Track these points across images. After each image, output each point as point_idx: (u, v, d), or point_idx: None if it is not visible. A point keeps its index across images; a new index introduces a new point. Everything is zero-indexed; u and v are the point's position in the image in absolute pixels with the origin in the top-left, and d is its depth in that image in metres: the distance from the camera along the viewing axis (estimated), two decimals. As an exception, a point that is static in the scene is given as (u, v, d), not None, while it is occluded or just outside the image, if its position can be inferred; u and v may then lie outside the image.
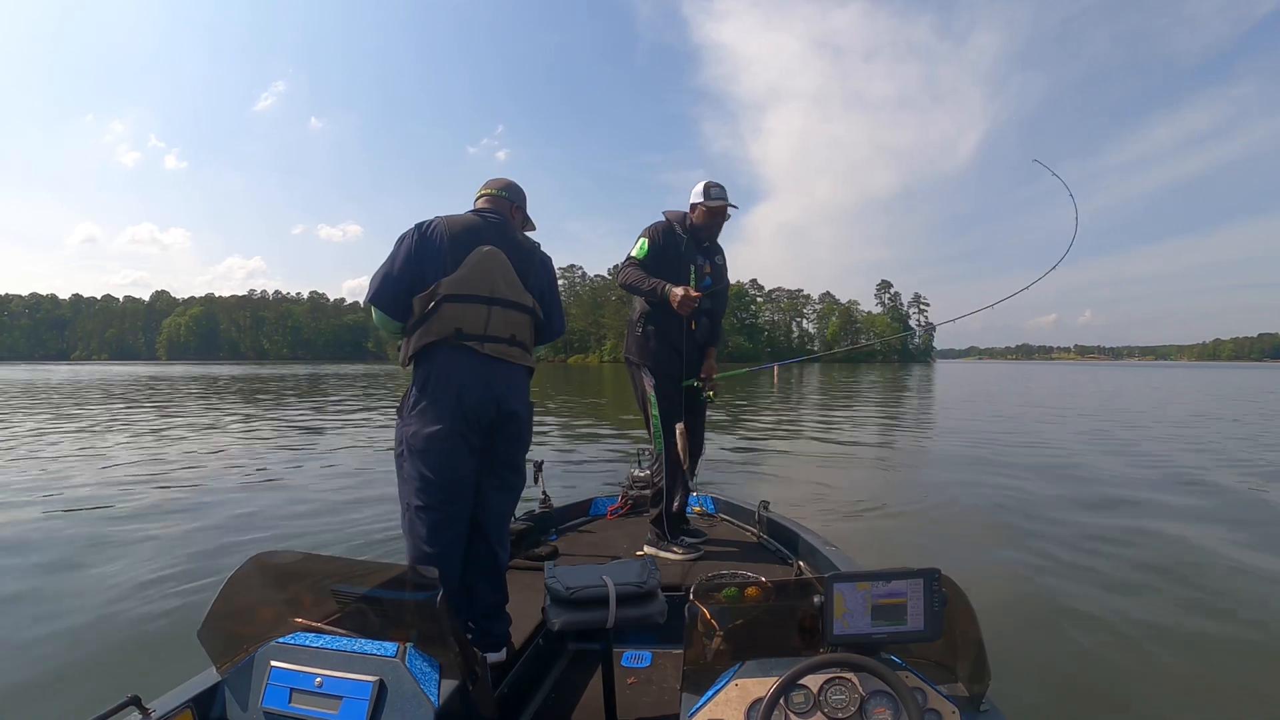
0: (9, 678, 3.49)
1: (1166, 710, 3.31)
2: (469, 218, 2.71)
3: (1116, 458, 11.15)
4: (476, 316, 2.58)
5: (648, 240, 3.89)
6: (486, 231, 2.68)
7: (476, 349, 2.57)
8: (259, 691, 1.73)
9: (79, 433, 13.89)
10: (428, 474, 2.52)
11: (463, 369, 2.55)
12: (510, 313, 2.66)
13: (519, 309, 2.69)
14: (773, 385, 33.66)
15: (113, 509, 7.08)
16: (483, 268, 2.61)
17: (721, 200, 3.90)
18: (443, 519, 2.55)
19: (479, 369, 2.57)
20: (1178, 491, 8.35)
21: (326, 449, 11.91)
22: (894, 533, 6.53)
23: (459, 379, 2.53)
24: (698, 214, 3.92)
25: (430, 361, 2.56)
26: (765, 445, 13.05)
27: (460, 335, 2.55)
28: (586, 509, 4.76)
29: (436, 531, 2.54)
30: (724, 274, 4.11)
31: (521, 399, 2.71)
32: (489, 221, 2.73)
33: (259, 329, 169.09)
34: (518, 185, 2.96)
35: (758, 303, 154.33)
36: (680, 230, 3.91)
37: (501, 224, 2.76)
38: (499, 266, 2.64)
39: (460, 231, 2.63)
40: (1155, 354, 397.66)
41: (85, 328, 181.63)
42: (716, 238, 4.02)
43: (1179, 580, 5.06)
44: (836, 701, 1.56)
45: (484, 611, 2.67)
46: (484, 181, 2.99)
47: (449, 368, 2.54)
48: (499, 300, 2.63)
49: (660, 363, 3.88)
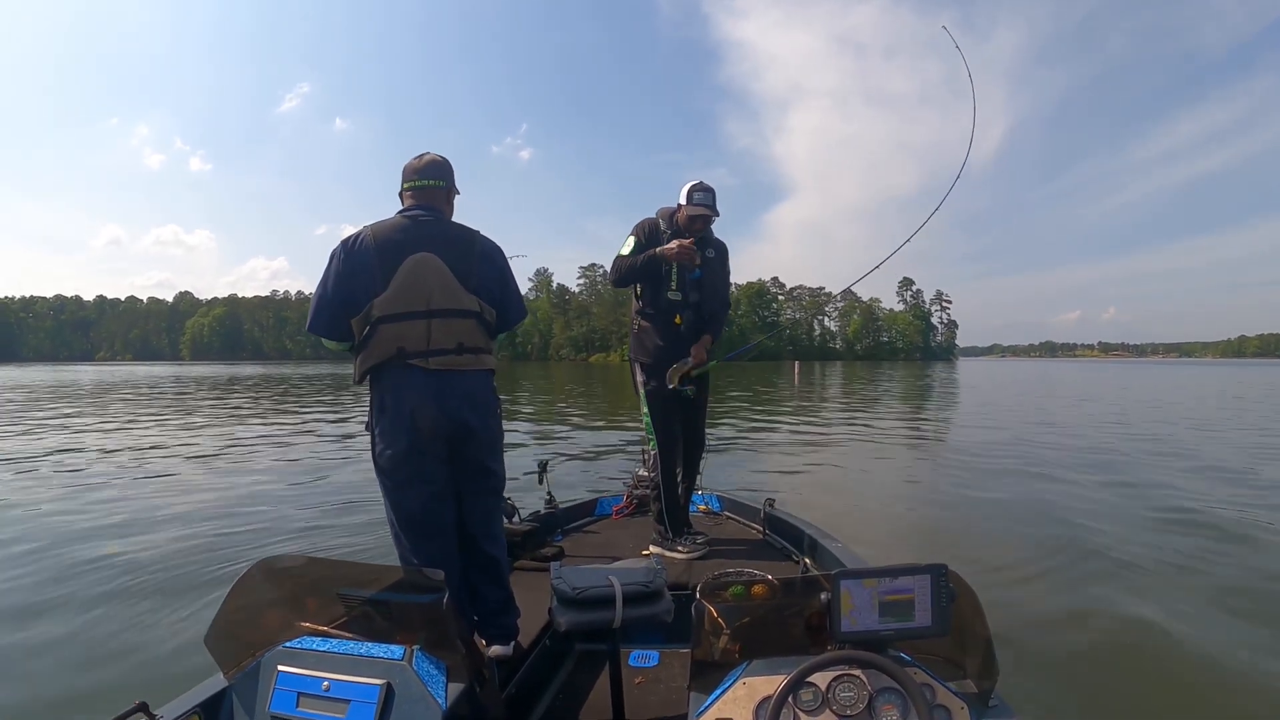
0: (15, 685, 3.51)
1: (1175, 707, 3.30)
2: (396, 223, 2.56)
3: (1147, 456, 11.03)
4: (417, 332, 2.47)
5: (635, 238, 3.90)
6: (415, 237, 2.54)
7: (423, 366, 2.47)
8: (266, 696, 1.73)
9: (108, 431, 14.01)
10: (398, 491, 2.52)
11: (412, 389, 2.46)
12: (452, 322, 2.53)
13: (461, 315, 2.56)
14: (793, 382, 33.69)
15: (118, 510, 7.17)
16: (415, 280, 2.49)
17: (701, 207, 3.86)
18: (422, 532, 2.54)
19: (428, 387, 2.47)
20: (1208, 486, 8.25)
21: (329, 451, 11.96)
22: (901, 529, 6.52)
23: (410, 400, 2.46)
24: (680, 215, 3.91)
25: (380, 383, 2.50)
26: (776, 442, 13.06)
27: (403, 354, 2.45)
28: (592, 509, 4.76)
29: (419, 543, 2.54)
30: (717, 266, 4.04)
31: (479, 407, 2.60)
32: (418, 222, 2.58)
33: (281, 329, 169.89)
34: (441, 161, 2.74)
35: (779, 301, 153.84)
36: (666, 226, 3.91)
37: (432, 223, 2.61)
38: (433, 274, 2.51)
39: (386, 243, 2.49)
40: (1180, 351, 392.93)
41: (109, 329, 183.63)
42: (701, 237, 3.96)
43: (1193, 577, 5.03)
44: (845, 699, 1.55)
45: (491, 609, 2.67)
46: (401, 171, 2.75)
47: (399, 389, 2.47)
48: (438, 312, 2.51)
49: (652, 358, 3.89)
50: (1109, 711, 3.33)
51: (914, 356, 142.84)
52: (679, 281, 3.85)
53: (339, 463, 10.41)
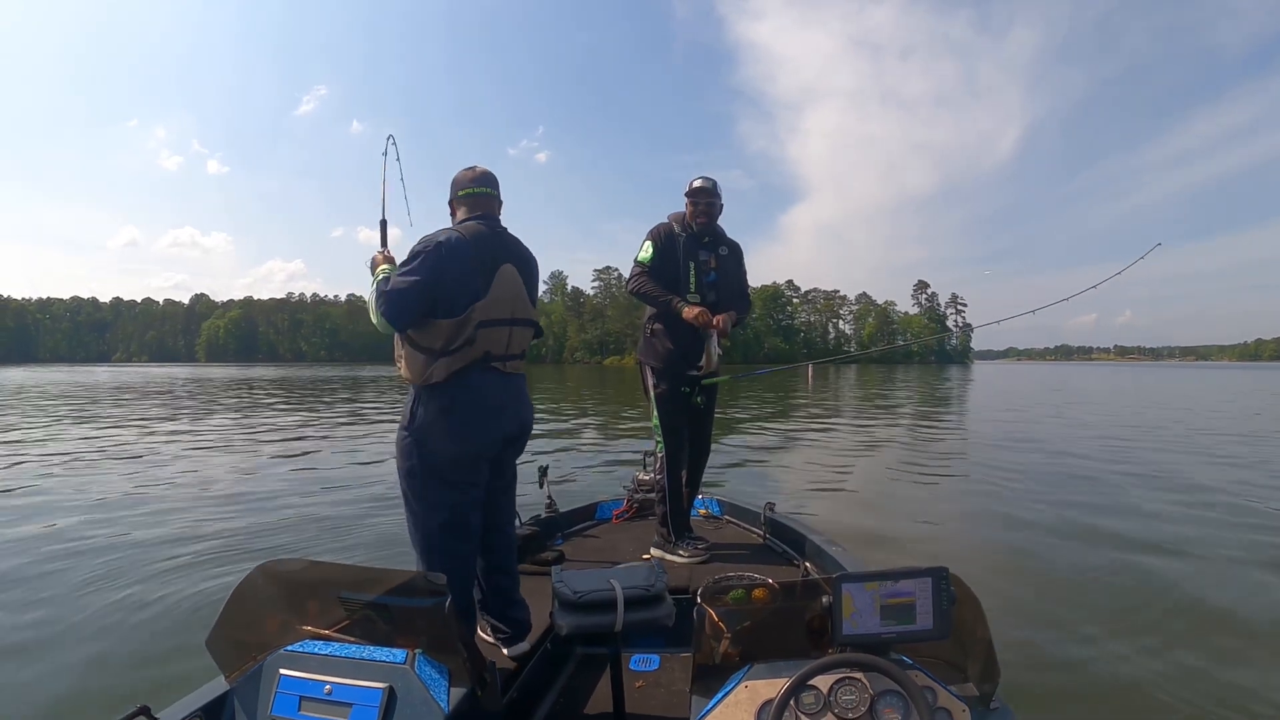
0: (15, 689, 3.52)
1: (1176, 710, 3.28)
2: (482, 232, 2.62)
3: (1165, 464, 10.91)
4: (501, 338, 2.60)
5: (651, 243, 3.91)
6: (503, 246, 2.67)
7: (501, 369, 2.60)
8: (268, 700, 1.74)
9: (114, 431, 14.12)
10: (449, 492, 2.54)
11: (494, 392, 2.58)
12: (525, 330, 2.70)
13: (529, 324, 2.73)
14: (807, 385, 33.65)
15: (124, 512, 7.20)
16: (507, 290, 2.60)
17: (699, 180, 3.93)
18: (462, 535, 2.58)
19: (507, 391, 2.63)
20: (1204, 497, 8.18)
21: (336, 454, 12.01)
22: (903, 532, 6.49)
23: (492, 402, 2.56)
24: (688, 206, 3.95)
25: (460, 383, 2.51)
26: (777, 445, 13.08)
27: (489, 358, 2.56)
28: (592, 513, 4.75)
29: (456, 546, 2.57)
30: (732, 265, 4.06)
31: (532, 411, 2.82)
32: (497, 233, 2.69)
33: (297, 331, 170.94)
34: (493, 174, 2.80)
35: (794, 304, 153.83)
36: (679, 229, 3.93)
37: (504, 234, 2.73)
38: (517, 285, 2.66)
39: (483, 251, 2.57)
40: (1196, 354, 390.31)
41: (125, 330, 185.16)
42: (714, 228, 4.00)
43: (1195, 581, 4.98)
44: (846, 702, 1.56)
45: (514, 606, 2.75)
46: (475, 175, 2.77)
47: (481, 391, 2.54)
48: (519, 321, 2.66)
49: (664, 363, 3.89)
50: (1109, 714, 3.33)
51: (929, 359, 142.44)
52: (696, 283, 3.87)
53: (340, 465, 10.47)
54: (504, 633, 2.70)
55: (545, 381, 44.28)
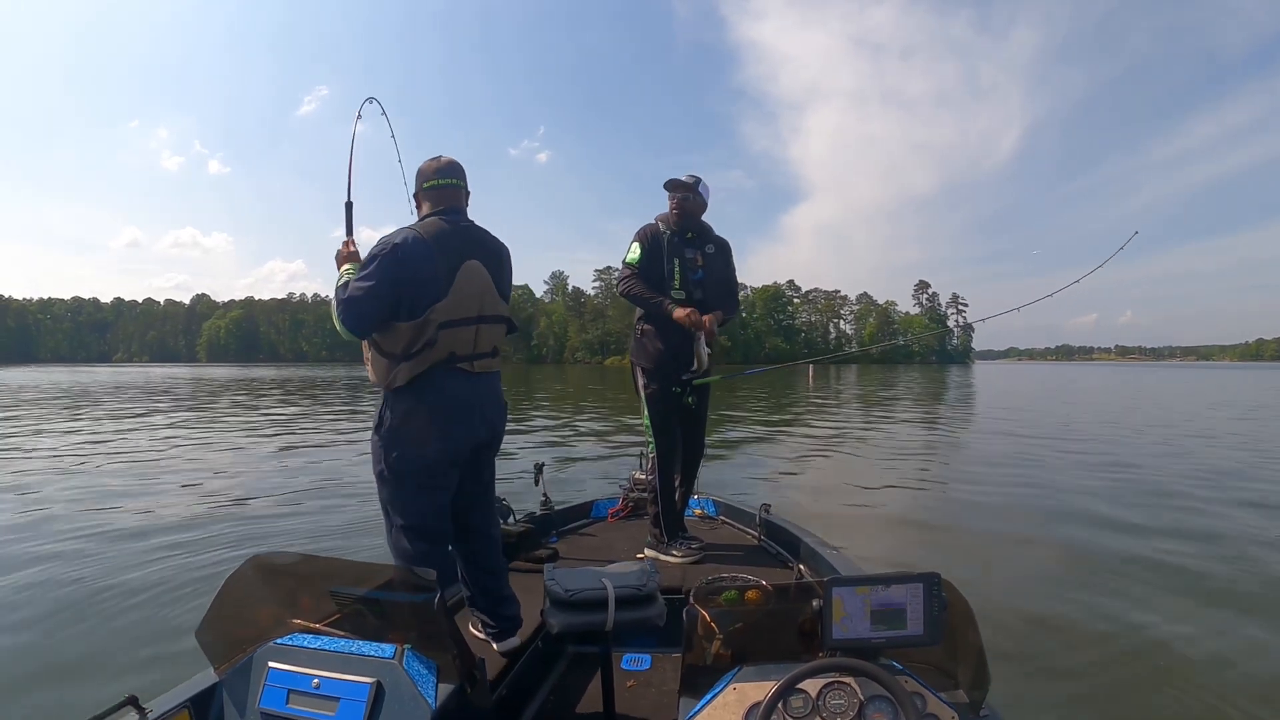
0: (6, 677, 3.54)
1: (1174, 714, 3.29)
2: (444, 228, 2.55)
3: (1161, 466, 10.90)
4: (467, 337, 2.54)
5: (639, 244, 3.91)
6: (466, 243, 2.58)
7: (468, 369, 2.54)
8: (256, 692, 1.73)
9: (114, 428, 14.13)
10: (420, 495, 2.53)
11: (458, 393, 2.52)
12: (494, 327, 2.64)
13: (499, 321, 2.67)
14: (807, 385, 33.71)
15: (123, 509, 7.21)
16: (471, 288, 2.54)
17: (674, 178, 3.91)
18: (435, 537, 2.58)
19: (472, 392, 2.57)
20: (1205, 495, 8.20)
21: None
22: (901, 537, 6.50)
23: (455, 405, 2.51)
24: (670, 205, 3.94)
25: (424, 385, 2.48)
26: (775, 446, 13.10)
27: (453, 359, 2.51)
28: (587, 511, 4.74)
29: (430, 547, 2.56)
30: (719, 262, 4.04)
31: (504, 412, 2.76)
32: (460, 228, 2.60)
33: (298, 331, 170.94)
34: (457, 162, 2.71)
35: (794, 304, 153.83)
36: (664, 228, 3.93)
37: (473, 228, 2.66)
38: (483, 281, 2.59)
39: (445, 249, 2.50)
40: (1197, 354, 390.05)
41: (126, 330, 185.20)
42: (699, 224, 3.99)
43: (1188, 586, 5.00)
44: (835, 706, 1.55)
45: (504, 602, 2.73)
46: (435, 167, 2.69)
47: (444, 393, 2.50)
48: (486, 318, 2.60)
49: (655, 364, 3.89)
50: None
51: (930, 359, 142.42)
52: (682, 280, 3.86)
53: (337, 462, 10.48)
54: (494, 628, 2.69)
55: (546, 381, 44.31)
